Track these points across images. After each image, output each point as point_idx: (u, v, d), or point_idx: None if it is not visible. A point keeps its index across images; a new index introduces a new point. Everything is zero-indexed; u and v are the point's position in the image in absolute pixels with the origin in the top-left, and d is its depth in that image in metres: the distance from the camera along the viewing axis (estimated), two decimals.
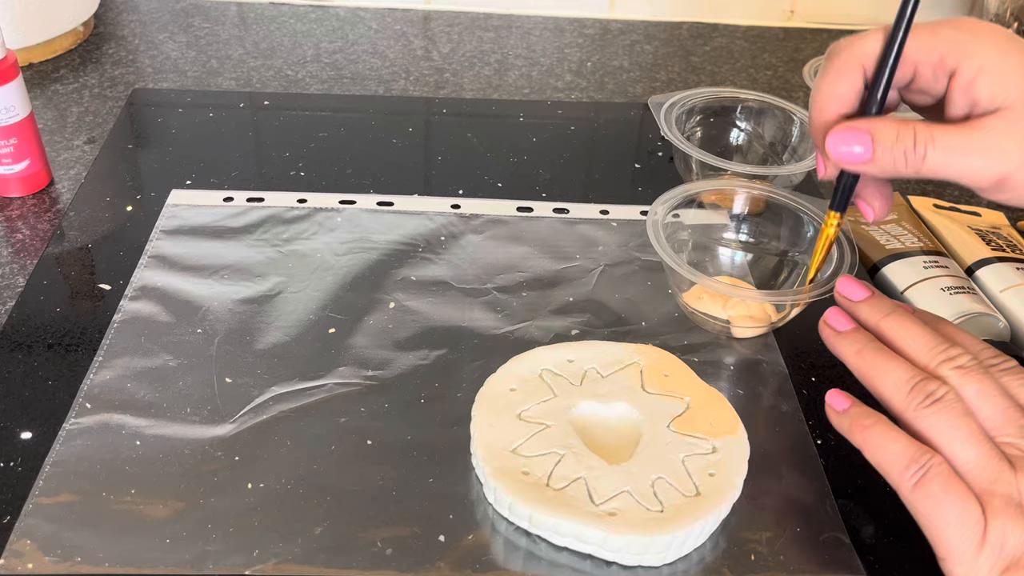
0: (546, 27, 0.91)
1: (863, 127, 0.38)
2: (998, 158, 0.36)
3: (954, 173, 0.37)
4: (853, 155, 0.38)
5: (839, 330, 0.41)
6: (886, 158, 0.38)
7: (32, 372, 0.48)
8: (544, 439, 0.43)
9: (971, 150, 0.37)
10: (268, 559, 0.40)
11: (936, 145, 0.37)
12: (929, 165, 0.37)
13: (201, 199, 0.61)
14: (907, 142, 0.37)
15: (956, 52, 0.37)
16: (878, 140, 0.38)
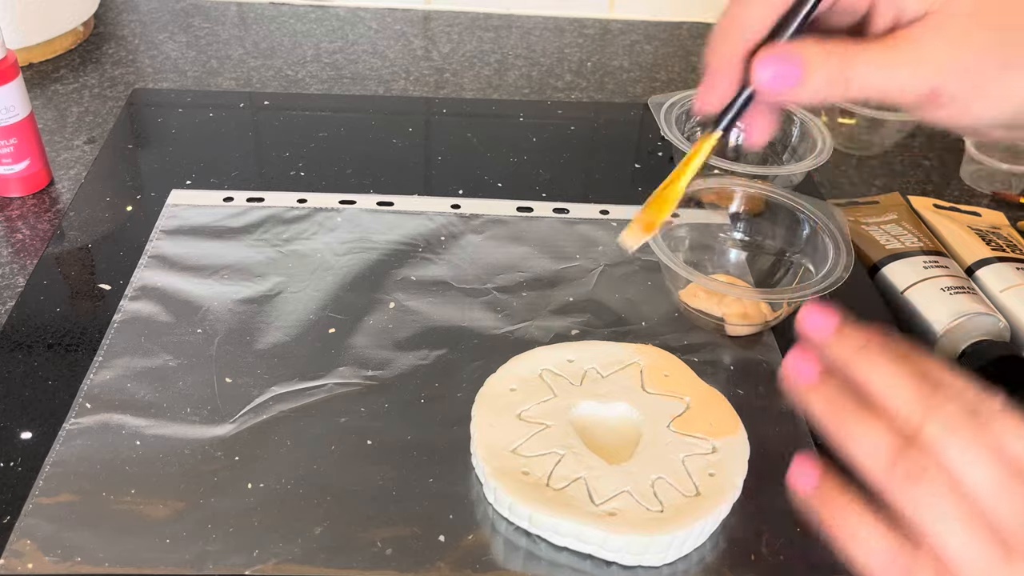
0: (546, 27, 0.91)
1: (793, 51, 0.34)
2: (926, 68, 0.34)
3: (882, 90, 0.35)
4: (782, 81, 0.35)
5: (805, 381, 0.36)
6: (815, 81, 0.35)
7: (32, 372, 0.48)
8: (544, 439, 0.43)
9: (897, 63, 0.34)
10: (268, 559, 0.40)
11: (860, 62, 0.34)
12: (857, 85, 0.34)
13: (201, 199, 0.61)
14: (834, 62, 0.34)
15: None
16: (807, 63, 0.34)
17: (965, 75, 0.34)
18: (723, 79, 0.37)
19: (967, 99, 0.34)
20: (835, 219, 0.53)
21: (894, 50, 0.34)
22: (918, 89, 0.34)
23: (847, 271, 0.50)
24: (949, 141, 0.77)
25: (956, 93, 0.34)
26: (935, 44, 0.33)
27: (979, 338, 0.53)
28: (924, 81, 0.34)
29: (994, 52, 0.34)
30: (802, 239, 0.54)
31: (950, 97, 0.34)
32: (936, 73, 0.34)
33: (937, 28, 0.33)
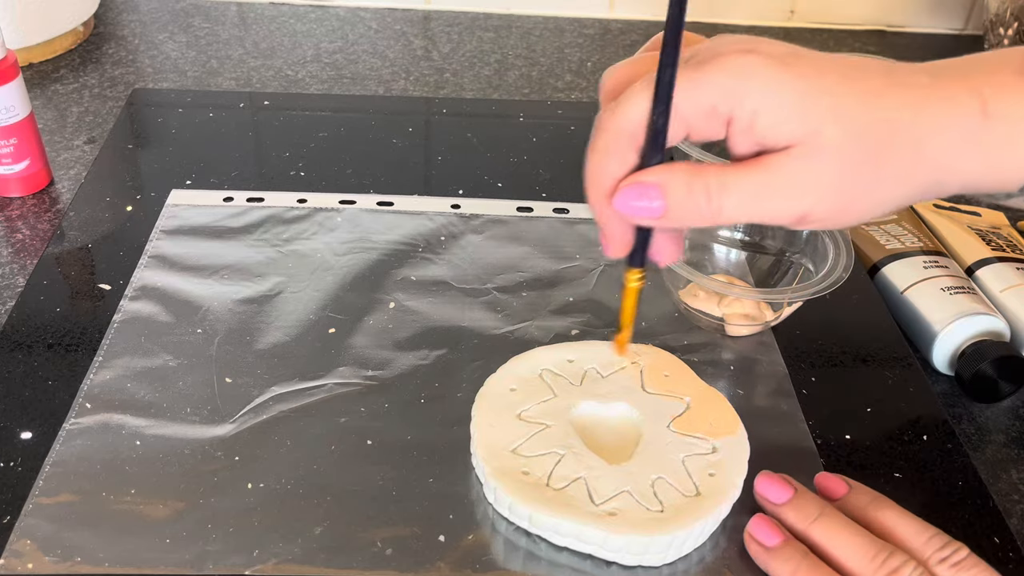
0: (546, 27, 0.91)
1: (651, 180, 0.35)
2: (796, 198, 0.34)
3: (754, 218, 0.35)
4: (644, 210, 0.35)
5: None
6: (679, 211, 0.35)
7: (32, 372, 0.48)
8: (544, 439, 0.43)
9: (769, 194, 0.34)
10: (268, 559, 0.40)
11: (732, 194, 0.34)
12: (727, 213, 0.35)
13: (201, 199, 0.61)
14: (699, 194, 0.34)
15: (726, 99, 0.34)
16: (669, 193, 0.34)
17: (834, 200, 0.35)
18: (614, 228, 0.37)
19: (835, 217, 0.35)
20: None
21: (764, 183, 0.34)
22: (790, 215, 0.35)
23: (847, 271, 0.50)
24: None
25: (825, 215, 0.35)
26: (805, 175, 0.34)
27: (979, 338, 0.53)
28: (795, 208, 0.35)
29: (863, 179, 0.34)
30: (802, 239, 0.54)
31: (819, 218, 0.35)
32: (805, 202, 0.34)
33: (802, 160, 0.34)
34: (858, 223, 0.37)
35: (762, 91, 0.33)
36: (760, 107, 0.33)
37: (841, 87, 0.34)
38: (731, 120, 0.34)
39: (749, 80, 0.33)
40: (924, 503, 0.44)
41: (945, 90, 0.34)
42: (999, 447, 0.50)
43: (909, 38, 0.93)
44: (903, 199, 0.36)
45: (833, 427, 0.48)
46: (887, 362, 0.52)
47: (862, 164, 0.34)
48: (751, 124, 0.34)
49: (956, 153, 0.34)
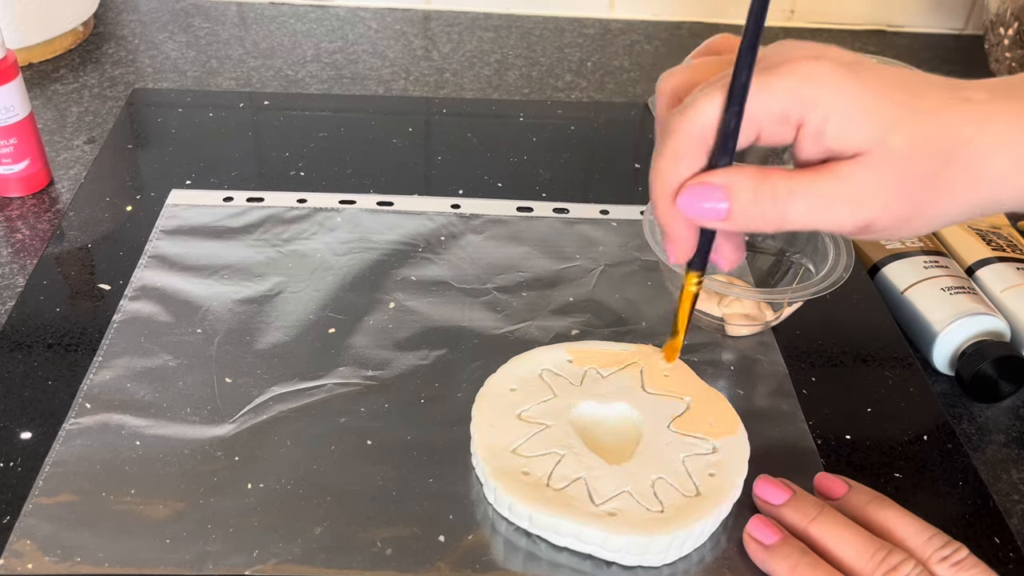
0: (546, 27, 0.91)
1: (718, 182, 0.35)
2: (862, 206, 0.34)
3: (819, 226, 0.35)
4: (709, 212, 0.35)
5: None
6: (744, 214, 0.35)
7: (32, 372, 0.48)
8: (544, 439, 0.43)
9: (834, 202, 0.34)
10: (268, 559, 0.40)
11: (797, 199, 0.34)
12: (792, 219, 0.35)
13: (201, 199, 0.61)
14: (766, 198, 0.34)
15: (797, 104, 0.34)
16: (735, 196, 0.35)
17: (897, 210, 0.35)
18: (679, 231, 0.37)
19: (896, 227, 0.36)
20: None
21: (831, 190, 0.34)
22: (854, 223, 0.35)
23: (847, 271, 0.50)
24: None
25: (888, 224, 0.35)
26: (871, 184, 0.34)
27: (979, 338, 0.53)
28: (861, 217, 0.35)
29: (927, 191, 0.35)
30: (802, 239, 0.54)
31: (882, 227, 0.35)
32: (871, 211, 0.35)
33: (870, 169, 0.34)
34: (916, 235, 0.37)
35: (833, 98, 0.34)
36: (831, 113, 0.34)
37: (906, 99, 0.34)
38: (801, 125, 0.34)
39: (821, 86, 0.34)
40: (924, 503, 0.44)
41: (1006, 108, 0.35)
42: (999, 447, 0.50)
43: (909, 38, 0.93)
44: (962, 214, 0.36)
45: (833, 427, 0.48)
46: (887, 362, 0.52)
47: (926, 175, 0.34)
48: (821, 130, 0.34)
49: (1016, 172, 0.35)
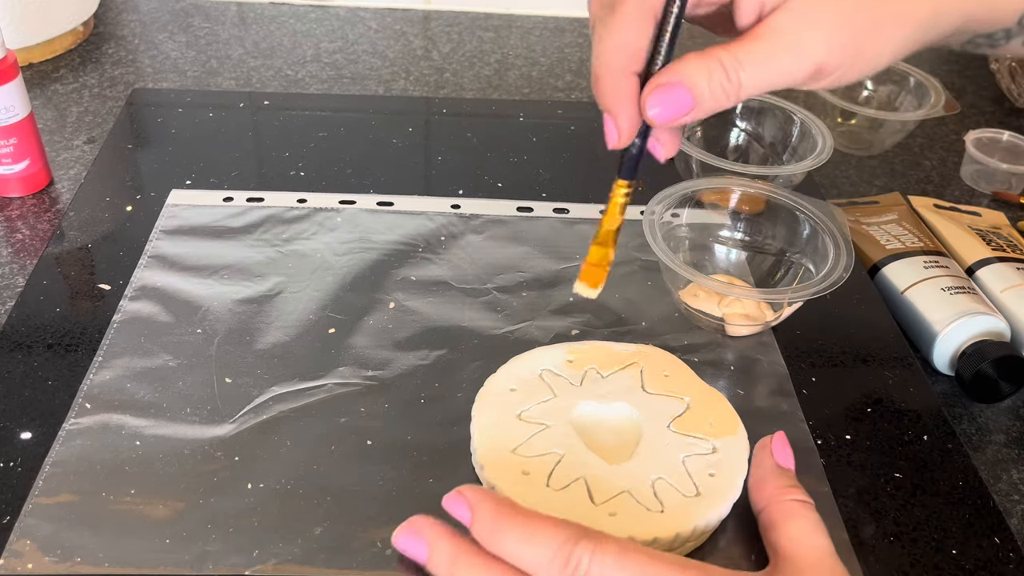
0: (546, 27, 0.91)
1: (675, 79, 0.35)
2: (804, 52, 0.34)
3: (772, 84, 0.35)
4: (676, 110, 0.35)
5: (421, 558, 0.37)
6: (707, 99, 0.35)
7: (32, 372, 0.48)
8: (544, 439, 0.43)
9: (779, 54, 0.34)
10: (268, 559, 0.40)
11: (746, 66, 0.35)
12: (747, 88, 0.35)
13: (201, 199, 0.61)
14: (719, 76, 0.35)
15: None
16: (694, 85, 0.35)
17: (844, 47, 0.34)
18: (625, 113, 0.37)
19: (849, 66, 0.35)
20: (835, 219, 0.53)
21: (773, 43, 0.34)
22: (804, 71, 0.35)
23: (847, 271, 0.50)
24: (949, 141, 0.77)
25: (838, 64, 0.35)
26: (809, 26, 0.34)
27: (979, 338, 0.53)
28: (808, 63, 0.35)
29: (864, 16, 0.34)
30: (802, 239, 0.54)
31: (833, 68, 0.35)
32: (817, 52, 0.34)
33: (802, 10, 0.34)
34: (872, 71, 0.36)
35: None
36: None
37: None
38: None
39: None
40: (924, 503, 0.44)
41: None
42: (999, 447, 0.50)
43: None
44: (909, 38, 0.36)
45: (833, 427, 0.48)
46: (887, 362, 0.52)
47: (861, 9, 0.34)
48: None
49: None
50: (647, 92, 0.36)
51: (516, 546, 0.36)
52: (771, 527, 0.39)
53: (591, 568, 0.34)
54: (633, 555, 0.35)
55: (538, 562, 0.35)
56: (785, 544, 0.38)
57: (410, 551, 0.37)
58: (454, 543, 0.36)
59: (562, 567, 0.34)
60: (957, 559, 0.42)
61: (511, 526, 0.36)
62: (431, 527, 0.37)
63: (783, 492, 0.40)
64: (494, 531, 0.36)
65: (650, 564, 0.34)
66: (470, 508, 0.37)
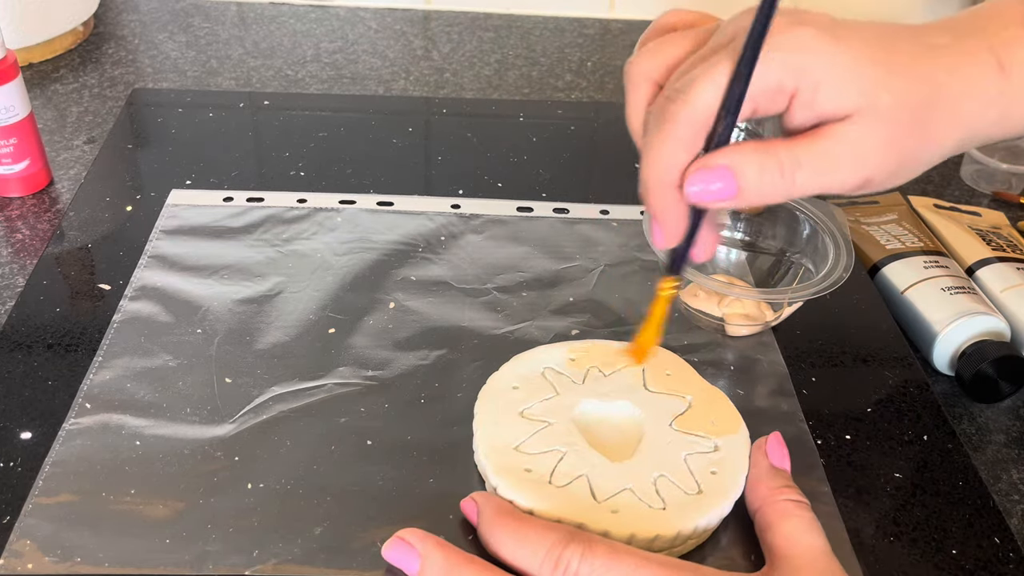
0: (546, 27, 0.91)
1: (723, 162, 0.36)
2: (860, 164, 0.36)
3: (823, 189, 0.37)
4: (719, 193, 0.36)
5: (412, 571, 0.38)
6: (754, 189, 0.36)
7: (32, 372, 0.48)
8: (546, 437, 0.43)
9: (836, 162, 0.36)
10: (268, 559, 0.40)
11: (802, 166, 0.36)
12: (799, 186, 0.36)
13: (201, 199, 0.61)
14: (772, 170, 0.36)
15: (791, 75, 0.35)
16: (742, 174, 0.36)
17: (891, 163, 0.37)
18: (671, 217, 0.38)
19: (890, 179, 0.38)
20: (835, 219, 0.53)
21: (833, 153, 0.36)
22: (855, 181, 0.37)
23: (847, 271, 0.50)
24: None
25: (884, 177, 0.37)
26: (866, 141, 0.36)
27: (979, 338, 0.53)
28: (860, 174, 0.37)
29: (912, 141, 0.37)
30: (802, 239, 0.54)
31: (878, 182, 0.37)
32: (869, 168, 0.36)
33: (865, 127, 0.36)
34: (905, 182, 0.39)
35: (822, 64, 0.35)
36: (822, 78, 0.35)
37: (885, 56, 0.36)
38: (795, 94, 0.36)
39: (809, 53, 0.35)
40: (924, 503, 0.44)
41: (967, 49, 0.37)
42: (999, 447, 0.50)
43: None
44: (942, 156, 0.38)
45: (833, 427, 0.48)
46: (887, 362, 0.52)
47: (911, 125, 0.36)
48: (814, 97, 0.36)
49: (985, 109, 0.37)
50: (692, 169, 0.36)
51: (510, 548, 0.38)
52: (766, 528, 0.40)
53: (580, 569, 0.36)
54: (624, 556, 0.36)
55: (529, 563, 0.37)
56: (780, 544, 0.39)
57: (402, 564, 0.38)
58: (445, 554, 0.37)
59: (552, 569, 0.36)
60: (957, 559, 0.42)
61: (506, 528, 0.38)
62: (422, 539, 0.38)
63: (777, 492, 0.41)
64: (491, 532, 0.38)
65: (641, 566, 0.35)
66: (477, 511, 0.40)
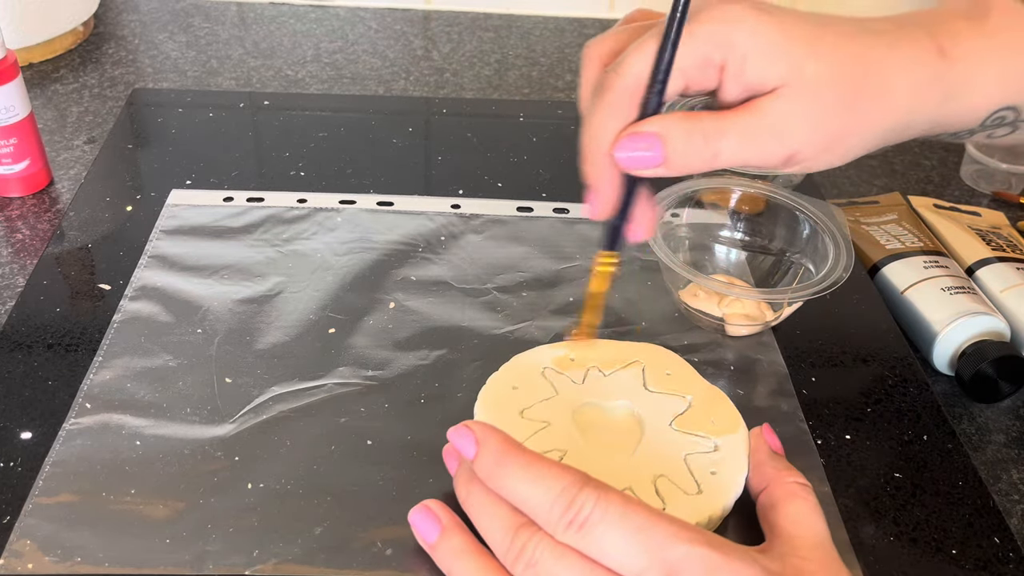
0: (546, 27, 0.91)
1: (651, 130, 0.37)
2: (784, 137, 0.37)
3: (748, 160, 0.37)
4: (646, 160, 0.37)
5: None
6: (679, 157, 0.37)
7: (32, 372, 0.48)
8: (546, 437, 0.43)
9: (760, 135, 0.37)
10: (268, 559, 0.40)
11: (726, 136, 0.37)
12: (723, 156, 0.37)
13: (201, 199, 0.61)
14: (697, 138, 0.37)
15: (719, 47, 0.36)
16: (668, 140, 0.37)
17: (818, 142, 0.37)
18: (606, 186, 0.39)
19: (818, 156, 0.38)
20: (835, 219, 0.53)
21: (757, 125, 0.37)
22: (780, 155, 0.38)
23: (847, 271, 0.50)
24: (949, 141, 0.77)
25: (811, 153, 0.38)
26: (792, 115, 0.37)
27: (979, 338, 0.53)
28: (785, 149, 0.37)
29: (842, 118, 0.37)
30: (802, 239, 0.54)
31: (806, 156, 0.38)
32: (794, 142, 0.37)
33: (789, 99, 0.37)
34: (839, 163, 0.39)
35: (751, 36, 0.36)
36: (749, 51, 0.36)
37: (817, 31, 0.37)
38: (724, 66, 0.37)
39: (739, 27, 0.36)
40: (924, 503, 0.44)
41: (906, 34, 0.38)
42: (999, 447, 0.50)
43: None
44: (878, 139, 0.39)
45: (833, 427, 0.48)
46: (887, 362, 0.52)
47: (841, 101, 0.37)
48: (742, 68, 0.37)
49: (921, 91, 0.38)
50: (622, 135, 0.37)
51: (519, 485, 0.35)
52: (770, 507, 0.40)
53: (593, 514, 0.34)
54: (638, 508, 0.34)
55: (539, 503, 0.35)
56: (784, 523, 0.38)
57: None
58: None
59: (564, 510, 0.34)
60: (957, 559, 0.42)
61: (516, 464, 0.36)
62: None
63: (785, 474, 0.41)
64: (497, 467, 0.36)
65: (653, 519, 0.34)
66: (476, 442, 0.37)
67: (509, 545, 0.35)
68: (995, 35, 0.39)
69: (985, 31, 0.39)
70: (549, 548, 0.34)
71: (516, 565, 0.35)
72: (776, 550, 0.37)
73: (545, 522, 0.35)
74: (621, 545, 0.34)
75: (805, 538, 0.37)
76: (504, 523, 0.36)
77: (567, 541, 0.34)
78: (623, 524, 0.34)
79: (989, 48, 0.39)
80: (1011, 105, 0.40)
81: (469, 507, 0.38)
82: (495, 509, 0.36)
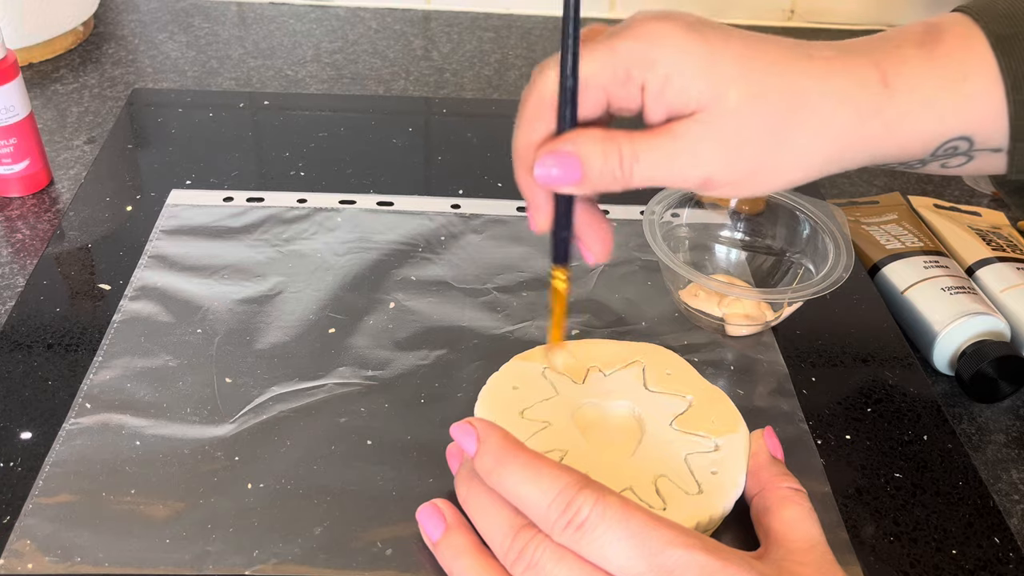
0: (546, 27, 0.91)
1: (569, 149, 0.36)
2: (699, 162, 0.36)
3: (663, 181, 0.37)
4: (562, 178, 0.36)
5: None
6: (596, 177, 0.36)
7: (32, 372, 0.48)
8: (547, 437, 0.43)
9: (673, 159, 0.36)
10: (268, 559, 0.40)
11: (641, 160, 0.36)
12: (637, 179, 0.36)
13: (201, 199, 0.61)
14: (613, 159, 0.36)
15: (639, 65, 0.35)
16: (586, 159, 0.36)
17: (737, 166, 0.36)
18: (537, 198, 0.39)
19: (741, 184, 0.37)
20: (835, 219, 0.53)
21: (670, 148, 0.36)
22: (695, 179, 0.37)
23: (847, 271, 0.50)
24: None
25: (730, 179, 0.36)
26: (706, 140, 0.36)
27: (979, 338, 0.53)
28: (699, 172, 0.36)
29: (765, 145, 0.36)
30: (802, 239, 0.54)
31: (724, 182, 0.37)
32: (709, 166, 0.36)
33: (707, 124, 0.35)
34: (768, 192, 0.38)
35: (674, 56, 0.35)
36: (671, 71, 0.35)
37: (747, 54, 0.35)
38: (644, 86, 0.36)
39: (661, 45, 0.35)
40: (924, 503, 0.44)
41: (848, 63, 0.36)
42: (999, 447, 0.50)
43: None
44: (811, 169, 0.37)
45: (833, 427, 0.48)
46: (887, 362, 0.52)
47: (765, 130, 0.36)
48: (661, 90, 0.35)
49: (859, 123, 0.36)
50: (540, 152, 0.37)
51: (518, 483, 0.35)
52: (765, 512, 0.40)
53: (591, 517, 0.34)
54: (636, 512, 0.34)
55: (537, 502, 0.35)
56: (778, 528, 0.38)
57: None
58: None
59: (562, 511, 0.34)
60: (957, 559, 0.42)
61: (515, 462, 0.36)
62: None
63: (780, 479, 0.41)
64: (497, 464, 0.36)
65: (651, 524, 0.34)
66: (478, 439, 0.37)
67: (509, 546, 0.35)
68: (946, 63, 0.37)
69: (935, 58, 0.37)
70: (549, 550, 0.35)
71: (516, 566, 0.35)
72: (772, 555, 0.37)
73: (543, 522, 0.35)
74: (618, 548, 0.34)
75: (800, 542, 0.37)
76: (504, 524, 0.36)
77: (564, 542, 0.34)
78: (621, 527, 0.34)
79: (938, 76, 0.37)
80: (963, 135, 0.38)
81: (469, 507, 0.38)
82: (495, 509, 0.36)
